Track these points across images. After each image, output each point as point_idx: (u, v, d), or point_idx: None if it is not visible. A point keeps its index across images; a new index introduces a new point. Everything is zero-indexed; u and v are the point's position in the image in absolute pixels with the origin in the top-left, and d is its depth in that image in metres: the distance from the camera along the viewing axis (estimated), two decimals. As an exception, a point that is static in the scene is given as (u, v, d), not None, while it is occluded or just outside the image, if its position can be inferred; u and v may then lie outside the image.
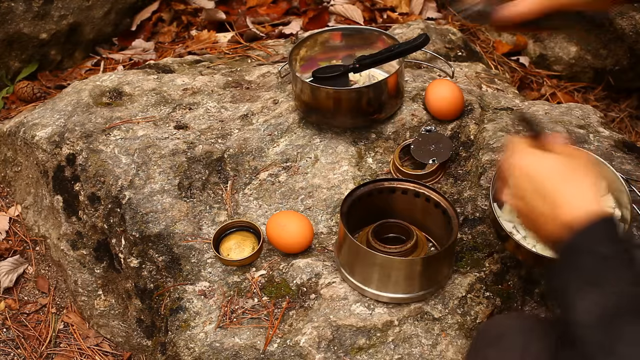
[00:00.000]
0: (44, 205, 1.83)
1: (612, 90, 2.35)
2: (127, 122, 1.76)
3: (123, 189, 1.62)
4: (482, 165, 1.61)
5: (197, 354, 1.40)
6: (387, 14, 2.50)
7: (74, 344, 1.75)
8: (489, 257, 1.48)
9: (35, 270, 1.88)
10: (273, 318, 1.42)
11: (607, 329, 0.84)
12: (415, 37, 1.65)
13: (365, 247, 1.38)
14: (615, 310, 0.85)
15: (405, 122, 1.72)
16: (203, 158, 1.67)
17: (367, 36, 1.79)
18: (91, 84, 1.90)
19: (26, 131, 1.81)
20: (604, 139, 1.70)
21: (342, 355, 1.35)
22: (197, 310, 1.46)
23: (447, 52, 2.08)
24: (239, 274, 1.50)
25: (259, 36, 2.37)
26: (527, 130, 1.09)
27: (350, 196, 1.46)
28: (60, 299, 1.84)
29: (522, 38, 2.41)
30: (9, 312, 1.81)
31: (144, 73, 1.96)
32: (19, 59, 2.29)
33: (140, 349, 1.66)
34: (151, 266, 1.55)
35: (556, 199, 0.96)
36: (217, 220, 1.59)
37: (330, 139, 1.71)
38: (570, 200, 0.96)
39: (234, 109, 1.81)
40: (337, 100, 1.65)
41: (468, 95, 1.76)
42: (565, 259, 0.92)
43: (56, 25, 2.27)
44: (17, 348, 1.74)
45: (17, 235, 1.93)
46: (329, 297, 1.42)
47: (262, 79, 1.94)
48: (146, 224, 1.57)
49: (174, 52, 2.37)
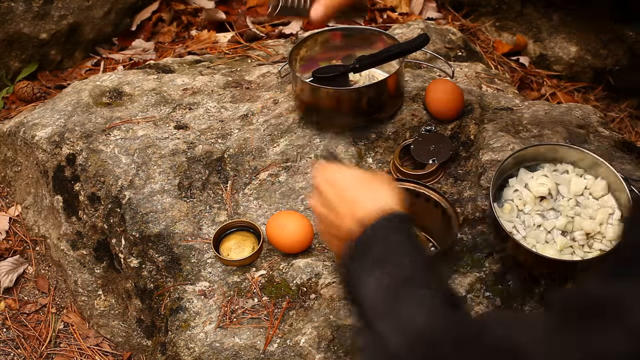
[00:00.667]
0: (44, 205, 1.83)
1: (612, 90, 2.35)
2: (127, 122, 1.76)
3: (123, 189, 1.62)
4: (482, 165, 1.61)
5: (197, 354, 1.40)
6: (387, 14, 2.50)
7: (74, 344, 1.75)
8: (489, 257, 1.48)
9: (35, 270, 1.88)
10: (273, 318, 1.42)
11: (387, 300, 0.90)
12: (415, 37, 1.65)
13: (365, 247, 1.38)
14: (395, 284, 0.91)
15: (405, 122, 1.72)
16: (203, 158, 1.67)
17: (367, 36, 1.79)
18: (91, 84, 1.90)
19: (26, 131, 1.81)
20: (604, 139, 1.70)
21: (342, 355, 1.35)
22: (197, 310, 1.46)
23: (447, 52, 2.08)
24: (239, 274, 1.50)
25: (259, 36, 2.37)
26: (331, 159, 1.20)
27: (350, 196, 1.46)
28: (60, 299, 1.84)
29: (522, 38, 2.41)
30: (9, 312, 1.81)
31: (144, 73, 1.96)
32: (19, 59, 2.29)
33: (140, 349, 1.66)
34: (151, 266, 1.55)
35: (354, 200, 1.05)
36: (217, 220, 1.59)
37: (330, 139, 1.71)
38: (365, 200, 1.04)
39: (234, 109, 1.81)
40: (337, 100, 1.65)
41: (468, 95, 1.76)
42: (357, 250, 0.98)
43: (56, 25, 2.27)
44: (17, 348, 1.74)
45: (17, 235, 1.93)
46: (329, 297, 1.42)
47: (262, 79, 1.94)
48: (146, 224, 1.57)
49: (174, 52, 2.37)
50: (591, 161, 1.44)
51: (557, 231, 1.40)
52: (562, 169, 1.48)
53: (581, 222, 1.40)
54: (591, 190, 1.43)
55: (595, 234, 1.38)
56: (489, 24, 2.49)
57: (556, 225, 1.40)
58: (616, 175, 1.40)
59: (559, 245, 1.38)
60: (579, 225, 1.39)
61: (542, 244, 1.39)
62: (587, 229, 1.38)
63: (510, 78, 2.24)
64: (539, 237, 1.39)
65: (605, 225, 1.39)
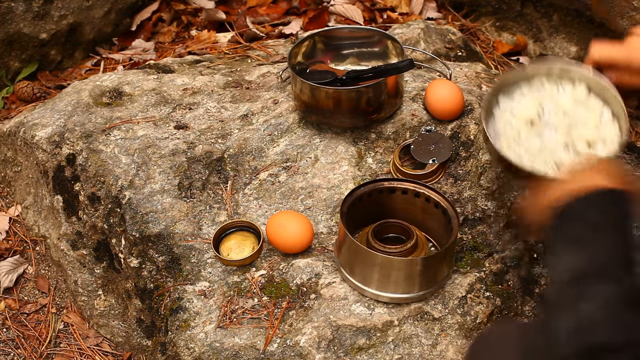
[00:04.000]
0: (44, 205, 1.83)
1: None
2: (127, 122, 1.76)
3: (123, 189, 1.62)
4: (482, 165, 1.61)
5: (197, 354, 1.40)
6: (387, 14, 2.50)
7: (74, 344, 1.75)
8: (489, 257, 1.48)
9: (35, 270, 1.88)
10: (273, 318, 1.42)
11: (573, 288, 0.91)
12: (401, 60, 1.67)
13: (365, 247, 1.38)
14: (584, 272, 0.92)
15: (405, 122, 1.72)
16: (203, 158, 1.67)
17: (367, 36, 1.79)
18: (91, 84, 1.90)
19: (26, 131, 1.81)
20: (604, 139, 1.70)
21: (342, 355, 1.35)
22: (197, 310, 1.46)
23: (447, 52, 2.08)
24: (239, 274, 1.50)
25: (259, 36, 2.37)
26: None
27: (350, 196, 1.46)
28: (60, 299, 1.84)
29: (522, 38, 2.41)
30: (9, 312, 1.81)
31: (144, 73, 1.96)
32: (19, 59, 2.29)
33: (140, 349, 1.66)
34: (151, 266, 1.55)
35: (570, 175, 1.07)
36: (217, 220, 1.59)
37: (330, 139, 1.71)
38: (580, 177, 1.05)
39: (234, 109, 1.81)
40: (337, 100, 1.65)
41: (468, 95, 1.76)
42: (558, 220, 0.99)
43: (56, 25, 2.27)
44: (17, 348, 1.74)
45: (17, 235, 1.93)
46: (329, 297, 1.42)
47: (262, 79, 1.94)
48: (146, 224, 1.57)
49: (174, 52, 2.37)
50: (559, 69, 1.40)
51: (559, 146, 1.34)
52: (538, 84, 1.42)
53: (578, 131, 1.34)
54: (575, 97, 1.38)
55: (595, 141, 1.33)
56: (489, 24, 2.49)
57: (557, 141, 1.34)
58: (590, 74, 1.36)
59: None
60: (577, 136, 1.34)
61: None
62: (587, 137, 1.33)
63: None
64: (547, 161, 1.34)
65: (599, 127, 1.34)
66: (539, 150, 1.34)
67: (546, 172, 1.27)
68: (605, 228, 0.96)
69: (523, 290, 1.46)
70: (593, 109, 1.36)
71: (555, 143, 1.34)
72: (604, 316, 0.86)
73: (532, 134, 1.36)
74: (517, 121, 1.38)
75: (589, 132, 1.33)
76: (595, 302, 0.88)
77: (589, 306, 0.88)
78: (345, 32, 1.82)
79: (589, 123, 1.35)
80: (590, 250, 0.93)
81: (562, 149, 1.33)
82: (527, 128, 1.37)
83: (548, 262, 0.98)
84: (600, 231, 0.95)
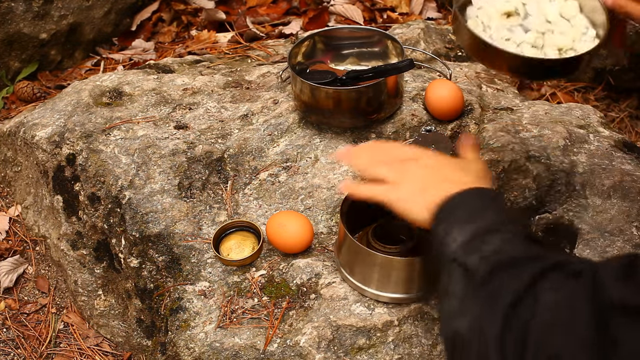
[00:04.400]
0: (44, 205, 1.83)
1: (612, 90, 2.35)
2: (127, 122, 1.76)
3: (123, 189, 1.62)
4: (482, 165, 1.61)
5: (197, 354, 1.40)
6: (387, 14, 2.50)
7: (74, 344, 1.75)
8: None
9: (35, 270, 1.88)
10: (273, 318, 1.42)
11: (470, 245, 0.95)
12: (401, 60, 1.67)
13: (365, 247, 1.38)
14: (477, 233, 0.96)
15: (405, 122, 1.72)
16: (203, 158, 1.67)
17: (367, 36, 1.79)
18: (91, 84, 1.90)
19: (26, 131, 1.81)
20: (604, 139, 1.70)
21: (342, 355, 1.35)
22: (197, 310, 1.46)
23: (447, 52, 2.08)
24: (239, 274, 1.50)
25: (259, 36, 2.37)
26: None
27: (351, 196, 1.46)
28: (60, 299, 1.84)
29: (522, 38, 2.41)
30: (9, 312, 1.81)
31: (144, 73, 1.96)
32: (19, 59, 2.29)
33: (140, 349, 1.66)
34: (151, 266, 1.55)
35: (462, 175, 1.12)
36: (217, 220, 1.60)
37: (330, 139, 1.71)
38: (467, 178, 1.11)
39: (234, 109, 1.81)
40: (336, 100, 1.65)
41: (468, 95, 1.76)
42: (440, 212, 1.04)
43: (56, 25, 2.27)
44: (17, 348, 1.74)
45: (17, 235, 1.93)
46: (329, 297, 1.42)
47: (262, 79, 1.94)
48: (146, 224, 1.57)
49: (174, 52, 2.37)
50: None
51: (526, 45, 1.28)
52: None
53: (552, 37, 1.28)
54: (562, 11, 1.33)
55: (567, 50, 1.28)
56: (489, 24, 2.48)
57: (525, 39, 1.28)
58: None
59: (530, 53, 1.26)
60: (550, 41, 1.29)
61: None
62: (560, 44, 1.28)
63: (510, 78, 2.24)
64: (507, 49, 1.25)
65: (578, 42, 1.29)
66: (504, 41, 1.28)
67: (515, 51, 1.22)
68: (486, 208, 1.01)
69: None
70: (577, 25, 1.31)
71: (523, 40, 1.29)
72: (510, 246, 0.92)
73: (504, 26, 1.31)
74: (493, 10, 1.33)
75: (565, 41, 1.28)
76: (497, 240, 0.93)
77: (492, 245, 0.92)
78: (345, 32, 1.82)
79: (568, 35, 1.29)
80: (479, 221, 0.98)
81: (529, 48, 1.28)
82: (500, 18, 1.32)
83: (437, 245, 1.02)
84: (483, 210, 1.01)
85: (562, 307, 0.80)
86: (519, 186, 1.56)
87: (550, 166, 1.60)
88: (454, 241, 0.97)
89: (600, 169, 1.61)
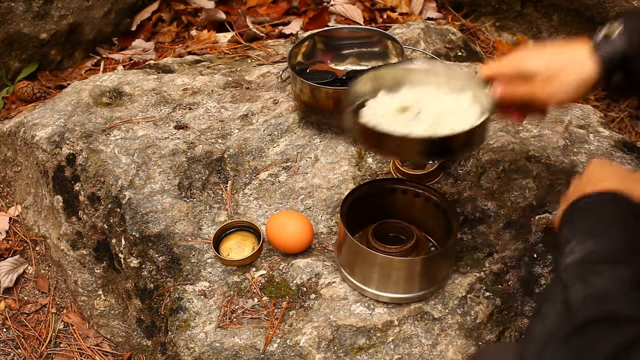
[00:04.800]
0: (44, 205, 1.83)
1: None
2: (127, 122, 1.76)
3: (123, 189, 1.62)
4: (482, 165, 1.61)
5: (197, 354, 1.40)
6: (387, 14, 2.50)
7: (74, 344, 1.75)
8: (489, 257, 1.48)
9: (35, 270, 1.88)
10: (273, 318, 1.42)
11: (584, 266, 0.95)
12: (401, 60, 1.68)
13: (365, 247, 1.38)
14: (593, 256, 0.96)
15: (405, 122, 1.72)
16: (203, 158, 1.67)
17: (367, 36, 1.79)
18: (91, 84, 1.90)
19: (26, 131, 1.81)
20: (604, 139, 1.70)
21: (342, 355, 1.35)
22: (197, 310, 1.46)
23: (447, 52, 2.08)
24: (239, 274, 1.50)
25: (259, 36, 2.37)
26: None
27: (350, 196, 1.46)
28: (60, 299, 1.84)
29: (522, 38, 2.41)
30: (9, 312, 1.81)
31: (144, 73, 1.96)
32: (19, 59, 2.29)
33: (140, 349, 1.66)
34: (151, 266, 1.55)
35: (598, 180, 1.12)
36: (217, 220, 1.59)
37: (330, 139, 1.71)
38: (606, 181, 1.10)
39: (234, 109, 1.81)
40: (337, 100, 1.65)
41: (468, 95, 1.76)
42: (569, 213, 1.06)
43: (56, 25, 2.27)
44: (17, 348, 1.74)
45: (17, 235, 1.93)
46: (329, 297, 1.42)
47: (262, 79, 1.94)
48: (146, 224, 1.57)
49: (174, 52, 2.37)
50: (449, 74, 1.34)
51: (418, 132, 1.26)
52: (423, 82, 1.35)
53: (446, 125, 1.27)
54: (456, 104, 1.31)
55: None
56: (489, 24, 2.49)
57: (419, 129, 1.26)
58: (477, 83, 1.29)
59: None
60: (443, 128, 1.26)
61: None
62: (453, 129, 1.25)
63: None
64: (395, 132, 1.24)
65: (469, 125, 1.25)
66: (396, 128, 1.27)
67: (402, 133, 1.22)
68: (615, 223, 1.00)
69: (523, 290, 1.46)
70: (470, 113, 1.29)
71: (417, 130, 1.27)
72: (616, 291, 0.90)
73: (398, 121, 1.29)
74: (386, 108, 1.32)
75: (459, 126, 1.25)
76: (606, 278, 0.92)
77: (601, 281, 0.91)
78: (345, 32, 1.82)
79: (463, 123, 1.26)
80: (599, 240, 0.98)
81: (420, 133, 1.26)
82: (395, 114, 1.31)
83: (557, 250, 1.02)
84: (609, 225, 1.00)
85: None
86: (519, 186, 1.56)
87: (550, 166, 1.60)
88: (571, 253, 0.98)
89: (600, 169, 1.61)
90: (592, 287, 0.91)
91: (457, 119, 1.28)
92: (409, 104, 1.33)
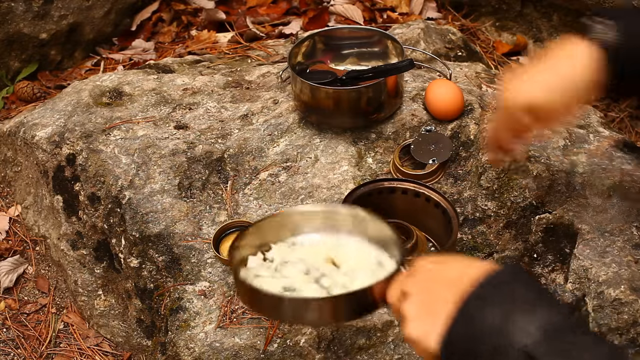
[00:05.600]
0: (44, 205, 1.83)
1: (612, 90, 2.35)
2: (127, 122, 1.76)
3: (123, 189, 1.62)
4: (482, 165, 1.61)
5: (197, 354, 1.40)
6: (387, 14, 2.50)
7: (74, 344, 1.75)
8: (489, 257, 1.48)
9: (35, 270, 1.88)
10: (273, 318, 1.42)
11: (555, 343, 0.82)
12: (401, 60, 1.68)
13: (365, 247, 1.37)
14: (556, 327, 0.84)
15: (405, 122, 1.72)
16: (203, 158, 1.67)
17: (367, 36, 1.79)
18: (91, 84, 1.90)
19: (26, 131, 1.81)
20: (604, 139, 1.70)
21: (342, 355, 1.35)
22: (197, 310, 1.46)
23: (447, 52, 2.08)
24: (239, 274, 1.50)
25: (259, 36, 2.37)
26: None
27: (350, 196, 1.46)
28: (60, 299, 1.84)
29: (522, 38, 2.41)
30: (9, 312, 1.81)
31: (144, 73, 1.96)
32: (19, 59, 2.29)
33: (140, 349, 1.66)
34: (151, 266, 1.55)
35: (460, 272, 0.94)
36: (217, 220, 1.59)
37: (330, 139, 1.71)
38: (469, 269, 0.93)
39: (234, 109, 1.81)
40: (336, 100, 1.65)
41: (468, 95, 1.76)
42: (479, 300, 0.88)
43: (56, 25, 2.27)
44: (17, 348, 1.74)
45: (17, 235, 1.93)
46: (329, 297, 1.42)
47: (262, 79, 1.94)
48: (146, 224, 1.57)
49: (174, 52, 2.37)
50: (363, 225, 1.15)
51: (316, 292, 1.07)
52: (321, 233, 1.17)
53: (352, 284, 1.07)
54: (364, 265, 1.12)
55: None
56: (489, 24, 2.49)
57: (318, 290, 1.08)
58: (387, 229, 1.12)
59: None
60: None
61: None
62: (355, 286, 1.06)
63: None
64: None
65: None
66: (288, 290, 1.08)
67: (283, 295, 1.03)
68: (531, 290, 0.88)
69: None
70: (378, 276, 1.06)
71: (314, 291, 1.07)
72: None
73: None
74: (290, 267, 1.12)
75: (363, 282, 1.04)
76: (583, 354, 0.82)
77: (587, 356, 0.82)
78: (345, 32, 1.82)
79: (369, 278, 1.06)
80: (539, 310, 0.85)
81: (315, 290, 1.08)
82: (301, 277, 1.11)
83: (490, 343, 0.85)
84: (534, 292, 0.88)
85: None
86: (519, 186, 1.56)
87: (550, 166, 1.60)
88: (524, 333, 0.82)
89: (600, 169, 1.61)
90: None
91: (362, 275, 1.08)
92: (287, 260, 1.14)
